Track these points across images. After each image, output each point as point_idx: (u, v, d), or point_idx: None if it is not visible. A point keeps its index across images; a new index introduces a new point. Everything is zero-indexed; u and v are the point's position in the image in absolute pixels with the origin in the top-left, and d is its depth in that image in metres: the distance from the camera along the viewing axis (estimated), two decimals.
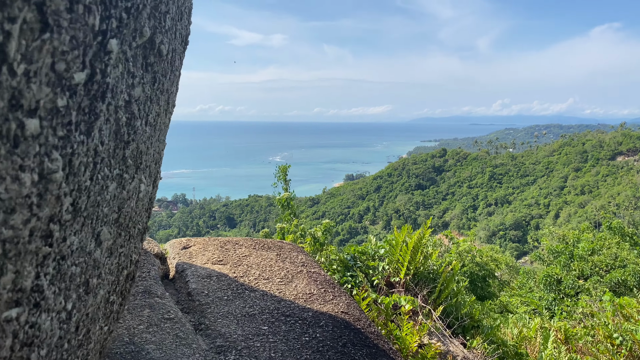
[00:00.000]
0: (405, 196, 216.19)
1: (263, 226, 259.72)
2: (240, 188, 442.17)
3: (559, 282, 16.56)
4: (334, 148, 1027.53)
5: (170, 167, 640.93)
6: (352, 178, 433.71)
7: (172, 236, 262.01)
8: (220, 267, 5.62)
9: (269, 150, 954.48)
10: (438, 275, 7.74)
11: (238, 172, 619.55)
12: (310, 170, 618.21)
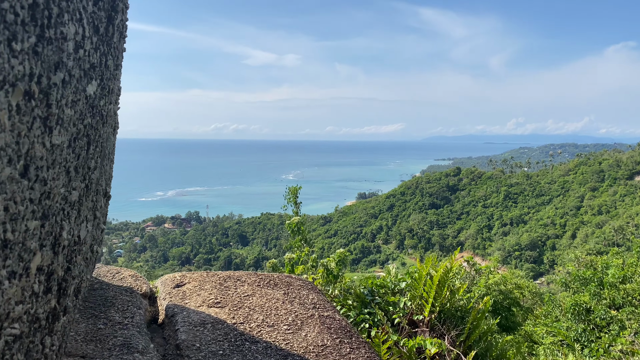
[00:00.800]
0: (419, 215, 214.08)
1: (275, 244, 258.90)
2: (253, 206, 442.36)
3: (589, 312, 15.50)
4: (346, 166, 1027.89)
5: (185, 185, 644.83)
6: (364, 196, 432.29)
7: (184, 254, 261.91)
8: (217, 310, 4.67)
9: (282, 168, 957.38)
10: (467, 312, 6.87)
11: (251, 190, 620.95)
12: (323, 189, 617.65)
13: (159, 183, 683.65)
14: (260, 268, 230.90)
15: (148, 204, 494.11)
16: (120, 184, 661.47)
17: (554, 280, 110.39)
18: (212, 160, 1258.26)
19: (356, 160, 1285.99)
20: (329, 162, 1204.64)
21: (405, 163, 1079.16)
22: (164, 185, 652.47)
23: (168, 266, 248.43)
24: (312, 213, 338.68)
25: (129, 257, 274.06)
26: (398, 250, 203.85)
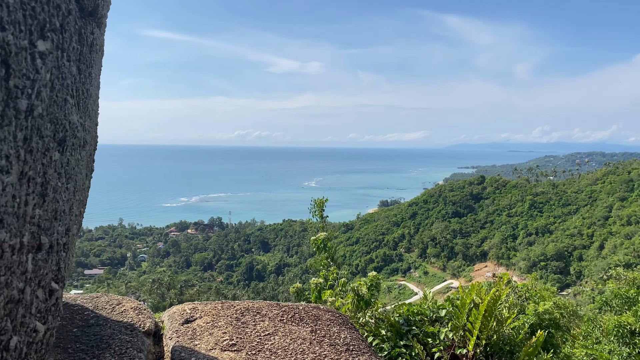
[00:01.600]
0: (442, 224, 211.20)
1: (297, 251, 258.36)
2: (275, 212, 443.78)
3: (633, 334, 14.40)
4: (368, 174, 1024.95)
5: (208, 191, 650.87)
6: (386, 204, 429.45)
7: (207, 259, 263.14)
8: (232, 355, 3.74)
9: (304, 175, 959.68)
10: (517, 346, 6.06)
11: (273, 196, 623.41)
12: (345, 196, 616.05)
13: (183, 189, 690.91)
14: (282, 275, 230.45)
15: (172, 209, 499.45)
16: (145, 190, 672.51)
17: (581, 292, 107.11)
18: (235, 166, 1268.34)
19: (378, 167, 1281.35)
20: (351, 169, 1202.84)
21: (428, 171, 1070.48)
22: (188, 191, 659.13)
23: (191, 271, 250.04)
24: (333, 220, 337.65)
25: (153, 262, 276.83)
26: (420, 258, 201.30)
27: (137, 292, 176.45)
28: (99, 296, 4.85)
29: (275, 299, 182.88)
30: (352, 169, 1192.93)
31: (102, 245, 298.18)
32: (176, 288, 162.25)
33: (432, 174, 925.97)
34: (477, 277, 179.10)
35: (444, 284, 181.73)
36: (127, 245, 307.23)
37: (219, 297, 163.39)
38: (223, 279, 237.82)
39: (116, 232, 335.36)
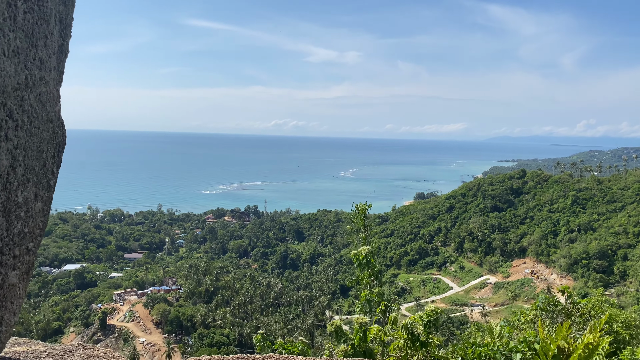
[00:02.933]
0: (480, 218, 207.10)
1: (331, 241, 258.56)
2: (310, 202, 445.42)
3: None
4: (405, 165, 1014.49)
5: (244, 179, 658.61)
6: (423, 197, 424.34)
7: (242, 247, 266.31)
8: None
9: (339, 165, 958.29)
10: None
11: (308, 186, 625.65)
12: (380, 187, 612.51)
13: (221, 177, 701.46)
14: (316, 264, 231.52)
15: (210, 196, 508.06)
16: (185, 177, 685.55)
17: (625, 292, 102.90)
18: (271, 156, 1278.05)
19: (415, 159, 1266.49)
20: (387, 160, 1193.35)
21: (466, 163, 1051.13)
22: (226, 179, 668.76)
23: (227, 258, 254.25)
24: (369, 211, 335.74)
25: (190, 248, 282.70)
26: (457, 253, 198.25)
27: (174, 277, 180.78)
28: (77, 348, 3.69)
29: (308, 288, 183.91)
30: (388, 160, 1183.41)
31: (142, 230, 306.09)
32: (212, 274, 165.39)
33: (471, 167, 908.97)
34: (515, 274, 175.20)
35: (480, 280, 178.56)
36: (166, 231, 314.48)
37: (254, 284, 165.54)
38: (258, 266, 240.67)
39: (155, 218, 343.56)
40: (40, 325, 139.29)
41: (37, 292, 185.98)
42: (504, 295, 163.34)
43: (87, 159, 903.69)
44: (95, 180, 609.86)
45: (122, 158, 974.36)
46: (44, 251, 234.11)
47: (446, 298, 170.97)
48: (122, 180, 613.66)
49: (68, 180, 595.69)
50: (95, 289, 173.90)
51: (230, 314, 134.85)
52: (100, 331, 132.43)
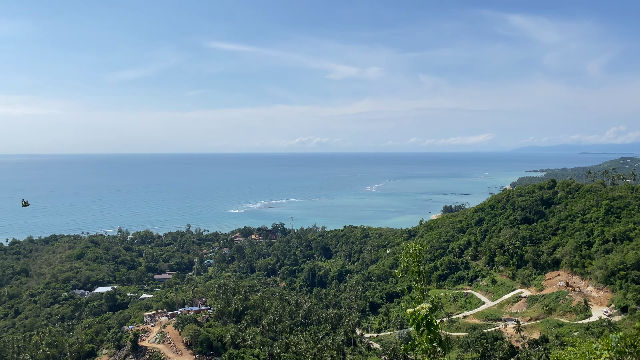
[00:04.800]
0: (510, 230, 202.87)
1: (358, 257, 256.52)
2: (336, 218, 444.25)
3: None
4: (430, 178, 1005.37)
5: (271, 197, 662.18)
6: (450, 210, 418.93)
7: (270, 265, 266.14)
8: None
9: (364, 180, 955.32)
10: None
11: (334, 202, 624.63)
12: (406, 201, 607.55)
13: (247, 195, 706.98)
14: (344, 281, 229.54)
15: (237, 215, 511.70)
16: (213, 197, 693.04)
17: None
18: (296, 173, 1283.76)
19: (441, 172, 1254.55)
20: (412, 174, 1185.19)
21: (494, 175, 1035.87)
22: (252, 198, 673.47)
23: (255, 277, 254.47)
24: (395, 226, 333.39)
25: (218, 267, 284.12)
26: (488, 267, 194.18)
27: (203, 297, 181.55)
28: None
29: (337, 305, 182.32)
30: (413, 174, 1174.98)
31: (171, 251, 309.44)
32: (241, 293, 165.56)
33: (498, 178, 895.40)
34: (549, 287, 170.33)
35: (513, 293, 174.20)
36: (194, 251, 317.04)
37: (283, 302, 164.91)
38: (286, 284, 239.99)
39: (184, 238, 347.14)
40: (74, 348, 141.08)
41: (70, 314, 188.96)
42: (538, 309, 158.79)
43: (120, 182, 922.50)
44: (128, 202, 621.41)
45: (153, 180, 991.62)
46: (76, 274, 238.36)
47: (479, 313, 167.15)
48: (153, 202, 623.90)
49: (100, 204, 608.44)
50: (127, 311, 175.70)
51: (259, 334, 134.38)
52: (132, 353, 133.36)
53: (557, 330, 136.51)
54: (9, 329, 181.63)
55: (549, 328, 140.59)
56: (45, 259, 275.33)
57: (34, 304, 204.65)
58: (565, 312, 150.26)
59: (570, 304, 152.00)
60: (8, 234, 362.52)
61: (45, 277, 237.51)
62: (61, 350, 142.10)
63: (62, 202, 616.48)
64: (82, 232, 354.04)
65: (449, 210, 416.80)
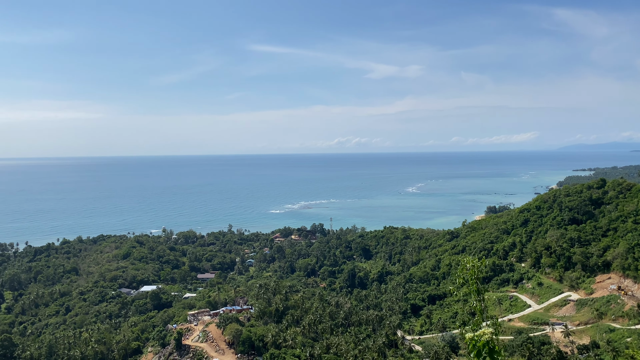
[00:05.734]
0: (557, 231, 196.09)
1: (399, 259, 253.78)
2: (375, 219, 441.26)
3: None
4: (473, 178, 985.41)
5: (310, 198, 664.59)
6: (494, 210, 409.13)
7: (310, 265, 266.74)
8: None
9: (405, 181, 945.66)
10: None
11: (373, 202, 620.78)
12: (448, 202, 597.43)
13: (287, 196, 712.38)
14: (384, 283, 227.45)
15: (277, 216, 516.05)
16: (253, 197, 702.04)
17: None
18: (335, 173, 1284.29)
19: (485, 171, 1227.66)
20: (454, 174, 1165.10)
21: (539, 174, 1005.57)
22: (292, 198, 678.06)
23: (295, 277, 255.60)
24: (437, 227, 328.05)
25: (259, 267, 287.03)
26: (534, 269, 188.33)
27: (245, 297, 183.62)
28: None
29: (378, 307, 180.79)
30: (455, 174, 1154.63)
31: (213, 251, 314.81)
32: (281, 293, 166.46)
33: (544, 178, 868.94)
34: (600, 290, 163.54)
35: (560, 297, 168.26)
36: (236, 251, 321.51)
37: (323, 303, 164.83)
38: (326, 285, 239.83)
39: (226, 238, 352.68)
40: (121, 345, 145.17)
41: (117, 312, 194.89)
42: (588, 313, 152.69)
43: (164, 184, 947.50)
44: (172, 203, 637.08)
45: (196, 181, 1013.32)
46: (123, 273, 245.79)
47: (524, 317, 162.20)
48: (197, 203, 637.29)
49: (147, 204, 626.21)
50: (171, 310, 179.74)
51: (300, 334, 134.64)
52: (176, 351, 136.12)
53: (608, 335, 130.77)
54: (60, 326, 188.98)
55: (600, 333, 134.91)
56: (94, 258, 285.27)
57: (83, 301, 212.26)
58: (617, 317, 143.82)
59: (622, 309, 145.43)
60: (59, 234, 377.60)
61: (94, 276, 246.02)
62: (109, 347, 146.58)
63: (110, 204, 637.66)
64: (128, 232, 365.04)
65: (492, 210, 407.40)
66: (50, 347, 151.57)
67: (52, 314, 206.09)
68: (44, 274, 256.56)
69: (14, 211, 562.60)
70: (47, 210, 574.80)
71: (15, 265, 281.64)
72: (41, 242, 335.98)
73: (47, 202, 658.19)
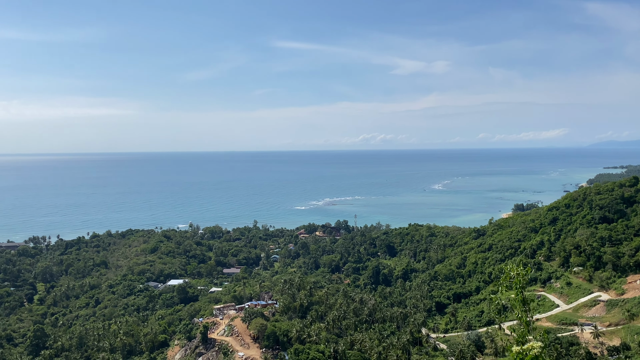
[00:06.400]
0: (587, 230, 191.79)
1: (424, 256, 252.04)
2: (400, 216, 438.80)
3: None
4: (500, 175, 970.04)
5: (334, 195, 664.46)
6: (522, 208, 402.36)
7: (334, 262, 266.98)
8: None
9: (430, 178, 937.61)
10: None
11: (398, 199, 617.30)
12: (475, 199, 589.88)
13: (312, 192, 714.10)
14: (409, 280, 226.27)
15: (302, 212, 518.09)
16: (278, 193, 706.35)
17: None
18: (360, 170, 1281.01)
19: (512, 168, 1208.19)
20: (481, 171, 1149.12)
21: (569, 171, 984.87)
22: (316, 195, 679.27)
23: (319, 273, 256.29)
24: (463, 224, 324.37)
25: (284, 263, 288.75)
26: (562, 268, 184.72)
27: (270, 292, 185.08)
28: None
29: (402, 304, 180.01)
30: (482, 171, 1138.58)
31: (239, 246, 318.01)
32: (306, 289, 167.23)
33: (574, 175, 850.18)
34: (631, 290, 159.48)
35: (590, 297, 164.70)
36: (261, 246, 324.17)
37: (347, 299, 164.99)
38: (350, 281, 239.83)
39: (251, 233, 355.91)
40: (149, 338, 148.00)
41: (145, 305, 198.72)
42: (619, 314, 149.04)
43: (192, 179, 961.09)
44: (200, 198, 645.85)
45: (223, 177, 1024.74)
46: (150, 267, 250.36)
47: (552, 316, 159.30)
48: (223, 198, 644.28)
49: (174, 200, 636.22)
50: (197, 304, 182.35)
51: (324, 330, 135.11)
52: (202, 345, 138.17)
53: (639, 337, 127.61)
54: (90, 318, 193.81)
55: (631, 335, 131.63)
56: (122, 252, 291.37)
57: (112, 294, 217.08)
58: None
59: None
60: (90, 228, 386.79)
61: (122, 269, 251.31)
62: (137, 340, 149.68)
63: (139, 199, 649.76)
64: (156, 227, 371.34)
65: (520, 208, 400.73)
66: (81, 338, 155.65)
67: (82, 306, 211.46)
68: (75, 266, 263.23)
69: (47, 205, 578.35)
70: (78, 204, 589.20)
71: (48, 258, 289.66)
72: (72, 235, 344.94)
73: (78, 196, 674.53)
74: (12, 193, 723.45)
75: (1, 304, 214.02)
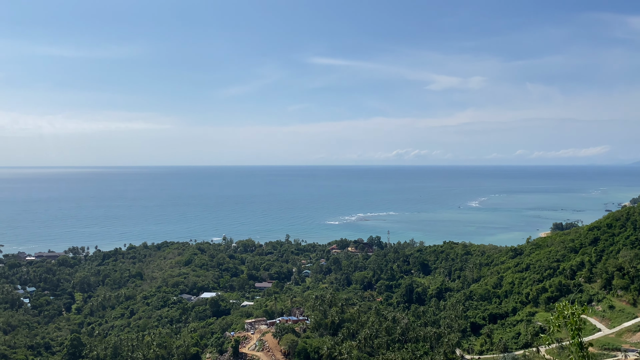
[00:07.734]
0: (631, 251, 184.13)
1: (459, 275, 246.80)
2: (434, 233, 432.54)
3: None
4: (538, 193, 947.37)
5: (367, 210, 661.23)
6: (561, 227, 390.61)
7: (366, 278, 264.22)
8: None
9: (466, 194, 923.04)
10: None
11: (433, 216, 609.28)
12: (512, 217, 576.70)
13: (344, 207, 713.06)
14: (444, 299, 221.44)
15: (334, 227, 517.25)
16: (311, 208, 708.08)
17: None
18: (393, 186, 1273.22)
19: (551, 186, 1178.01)
20: (518, 188, 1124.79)
21: (611, 190, 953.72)
22: (349, 210, 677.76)
23: (351, 289, 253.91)
24: (499, 243, 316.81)
25: (316, 278, 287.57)
26: (604, 290, 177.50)
27: (301, 307, 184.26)
28: None
29: (436, 324, 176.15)
30: (520, 188, 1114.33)
31: (271, 260, 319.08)
32: (337, 306, 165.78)
33: (616, 194, 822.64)
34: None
35: (634, 321, 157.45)
36: (293, 261, 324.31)
37: (379, 318, 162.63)
38: (382, 299, 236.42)
39: (283, 248, 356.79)
40: (181, 350, 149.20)
41: (178, 318, 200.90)
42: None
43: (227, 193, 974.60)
44: (234, 212, 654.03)
45: (256, 191, 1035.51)
46: (184, 279, 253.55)
47: (594, 341, 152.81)
48: (257, 212, 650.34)
49: (209, 213, 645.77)
50: (229, 317, 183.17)
51: (356, 348, 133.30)
52: (233, 359, 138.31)
53: None
54: (125, 328, 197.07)
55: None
56: (157, 264, 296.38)
57: (146, 305, 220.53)
58: None
59: None
60: (127, 239, 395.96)
61: (157, 281, 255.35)
62: (169, 352, 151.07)
63: (175, 211, 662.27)
64: (191, 239, 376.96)
65: (559, 227, 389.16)
66: (115, 348, 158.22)
67: (117, 317, 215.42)
68: (111, 277, 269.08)
69: (88, 217, 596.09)
70: (117, 216, 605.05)
71: (86, 268, 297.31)
72: (110, 247, 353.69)
73: (116, 209, 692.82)
74: (56, 204, 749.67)
75: (41, 312, 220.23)
